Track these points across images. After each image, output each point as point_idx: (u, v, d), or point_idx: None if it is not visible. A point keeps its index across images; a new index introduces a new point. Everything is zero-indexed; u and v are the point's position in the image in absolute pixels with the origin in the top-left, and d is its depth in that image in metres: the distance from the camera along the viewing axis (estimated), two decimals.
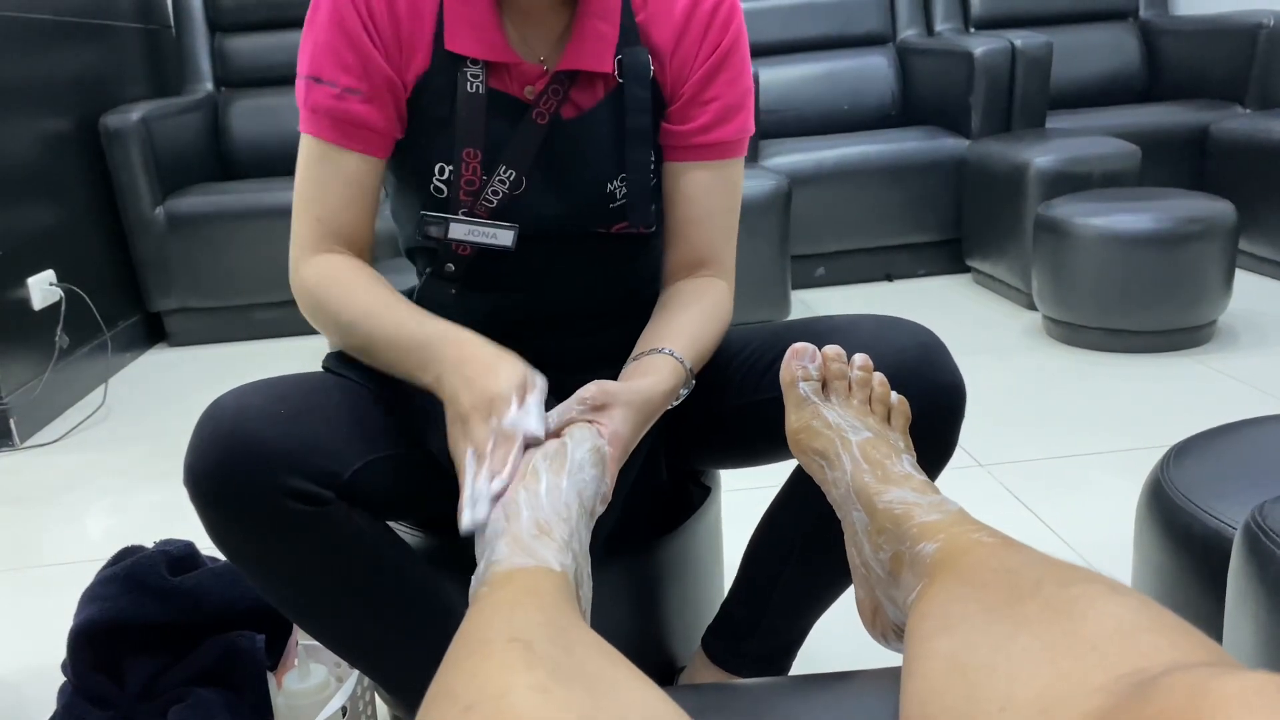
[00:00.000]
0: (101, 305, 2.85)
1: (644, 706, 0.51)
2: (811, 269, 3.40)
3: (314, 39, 0.97)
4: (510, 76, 0.99)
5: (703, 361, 1.00)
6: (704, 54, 1.01)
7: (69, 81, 2.92)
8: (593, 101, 1.00)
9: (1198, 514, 1.03)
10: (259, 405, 0.87)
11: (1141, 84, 3.76)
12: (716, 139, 1.04)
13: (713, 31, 1.01)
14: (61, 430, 2.55)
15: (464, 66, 0.97)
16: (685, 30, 1.01)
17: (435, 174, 1.00)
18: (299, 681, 1.18)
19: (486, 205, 1.00)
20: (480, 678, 0.50)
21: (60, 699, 1.16)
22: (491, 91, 0.98)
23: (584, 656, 0.55)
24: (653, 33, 1.01)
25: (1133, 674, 0.45)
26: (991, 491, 1.88)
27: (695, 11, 1.01)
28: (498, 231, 1.00)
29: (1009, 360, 2.60)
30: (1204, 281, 2.48)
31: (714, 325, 1.03)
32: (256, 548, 0.87)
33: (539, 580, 0.64)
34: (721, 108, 1.03)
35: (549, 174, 1.00)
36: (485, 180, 0.99)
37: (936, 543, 0.70)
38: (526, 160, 0.99)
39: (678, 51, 1.02)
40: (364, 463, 0.89)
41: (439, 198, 1.01)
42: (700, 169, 1.04)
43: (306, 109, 0.98)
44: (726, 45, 1.02)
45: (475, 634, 0.57)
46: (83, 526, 2.03)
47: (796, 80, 3.67)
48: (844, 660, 1.26)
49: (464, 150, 0.98)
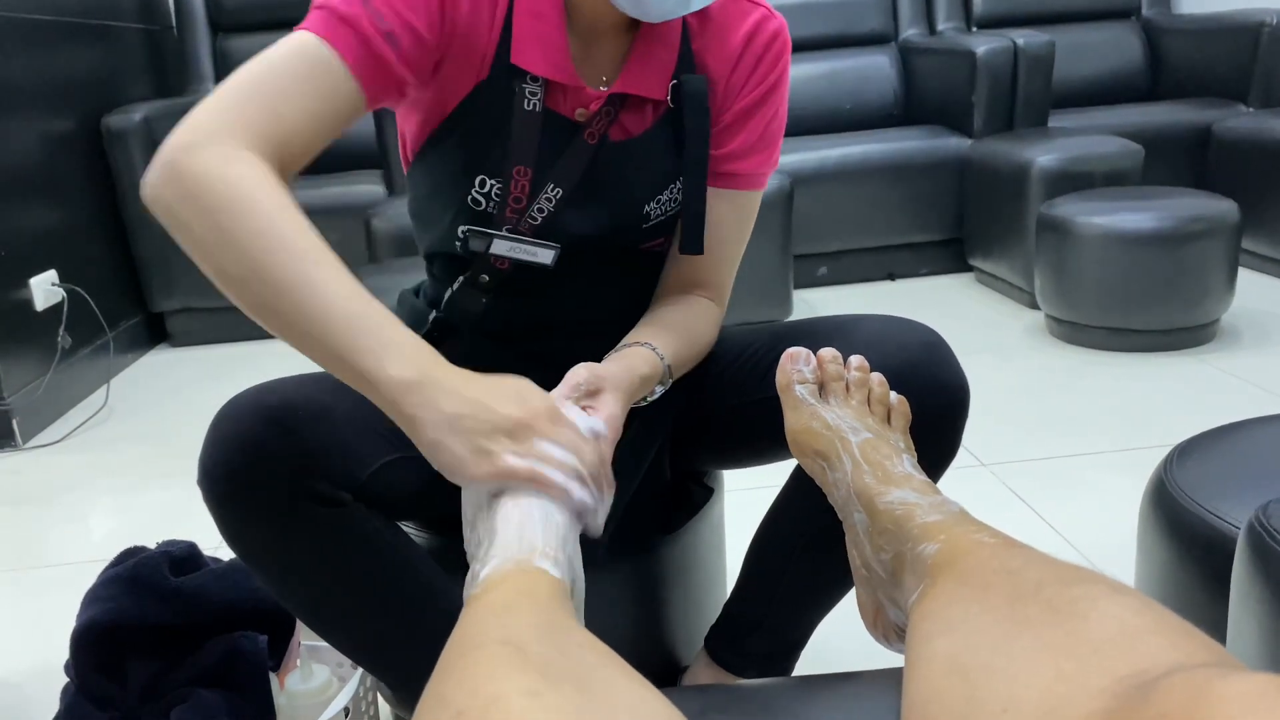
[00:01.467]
0: (104, 306, 2.85)
1: (636, 707, 0.51)
2: (813, 268, 3.40)
3: None
4: (565, 97, 0.97)
5: (684, 363, 1.00)
6: (752, 85, 1.01)
7: (71, 82, 2.93)
8: (641, 125, 1.00)
9: (1201, 514, 1.03)
10: (276, 405, 0.85)
11: (1144, 83, 3.76)
12: (740, 169, 1.03)
13: (764, 64, 1.01)
14: (64, 431, 2.56)
15: (523, 83, 0.94)
16: (739, 60, 1.01)
17: (476, 185, 0.97)
18: (301, 682, 1.18)
19: (531, 223, 0.98)
20: (472, 682, 0.50)
21: (63, 699, 1.16)
22: (547, 111, 0.96)
23: (578, 657, 0.55)
24: (708, 60, 1.01)
25: (1135, 675, 0.45)
26: (994, 491, 1.88)
27: (751, 43, 1.00)
28: (539, 250, 0.99)
29: (1011, 360, 2.60)
30: (1207, 281, 2.48)
31: (696, 342, 1.03)
32: (272, 548, 0.87)
33: (532, 582, 0.64)
34: (752, 140, 1.03)
35: (593, 192, 0.99)
36: (533, 199, 0.98)
37: (938, 543, 0.69)
38: (573, 179, 0.98)
39: (730, 80, 1.01)
40: (381, 464, 0.89)
41: (475, 209, 0.98)
42: (718, 197, 1.03)
43: (325, 9, 0.84)
44: (773, 81, 1.02)
45: (468, 638, 0.57)
46: (85, 527, 2.03)
47: (799, 79, 3.66)
48: (846, 661, 1.25)
49: (515, 167, 0.96)
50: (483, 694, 0.48)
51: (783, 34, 1.02)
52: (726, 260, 1.07)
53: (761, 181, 1.06)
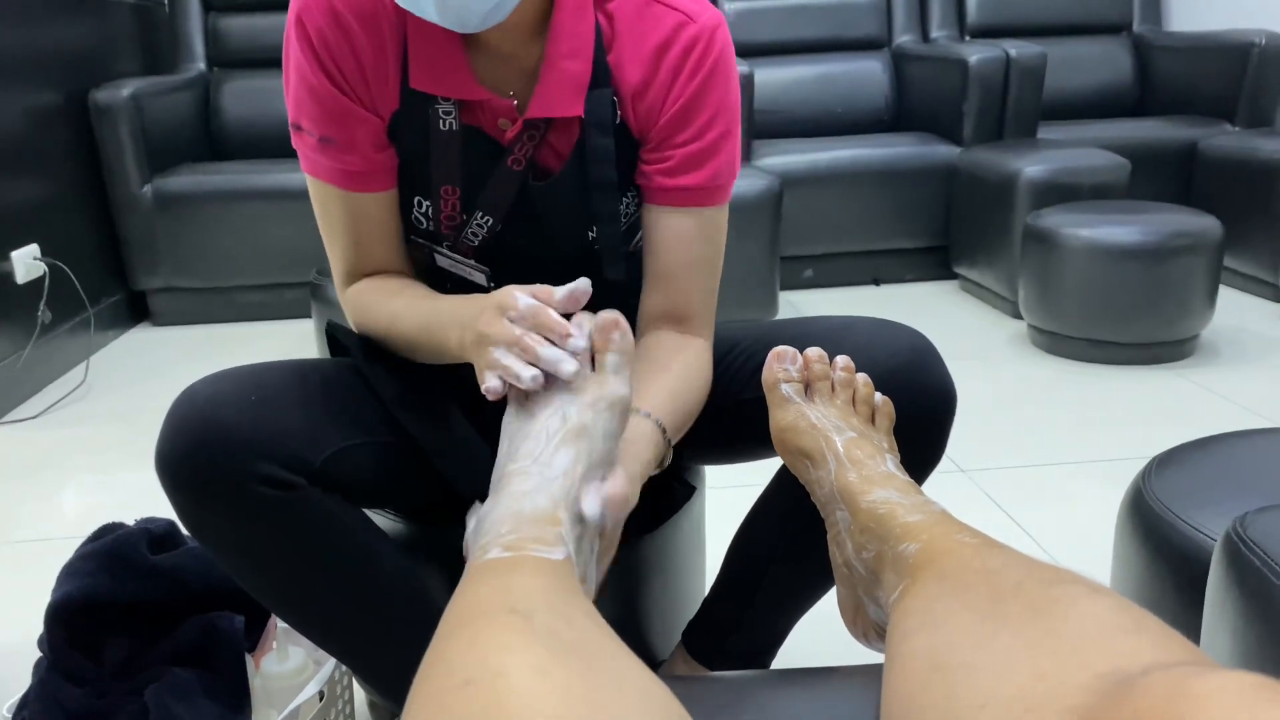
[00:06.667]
0: (85, 282, 2.83)
1: (640, 686, 0.52)
2: (800, 270, 3.41)
3: (289, 85, 0.95)
4: (482, 112, 0.96)
5: (684, 426, 0.95)
6: (673, 98, 0.95)
7: (60, 55, 2.90)
8: (569, 145, 0.97)
9: (1177, 524, 1.04)
10: (230, 391, 0.87)
11: (1133, 98, 3.79)
12: (688, 184, 0.98)
13: (683, 75, 0.95)
14: (41, 406, 2.54)
15: (436, 103, 0.95)
16: (655, 72, 0.95)
17: (415, 206, 1.00)
18: (277, 664, 1.18)
19: (468, 244, 1.00)
20: (479, 650, 0.50)
21: (35, 674, 1.16)
22: (466, 128, 0.96)
23: (583, 628, 0.55)
24: (622, 73, 0.96)
25: (1113, 673, 0.46)
26: (973, 497, 1.89)
27: (666, 53, 0.95)
28: (473, 271, 1.00)
29: (993, 368, 2.61)
30: (1188, 296, 2.50)
31: (695, 386, 0.98)
32: (228, 533, 0.87)
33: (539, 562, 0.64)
34: (692, 153, 0.97)
35: (527, 225, 0.99)
36: (465, 220, 0.98)
37: (919, 543, 0.70)
38: (503, 209, 0.98)
39: (646, 93, 0.96)
40: (337, 449, 0.89)
41: (419, 227, 1.01)
42: (674, 215, 0.99)
43: (301, 153, 0.98)
44: (695, 89, 0.95)
45: (473, 604, 0.56)
46: (61, 503, 2.01)
47: (790, 82, 3.67)
48: (823, 659, 1.26)
49: (442, 187, 0.97)
50: (492, 664, 0.48)
51: (703, 39, 0.94)
52: (700, 292, 1.02)
53: (719, 196, 1.00)
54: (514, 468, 0.71)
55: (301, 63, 0.92)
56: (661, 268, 1.01)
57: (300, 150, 0.97)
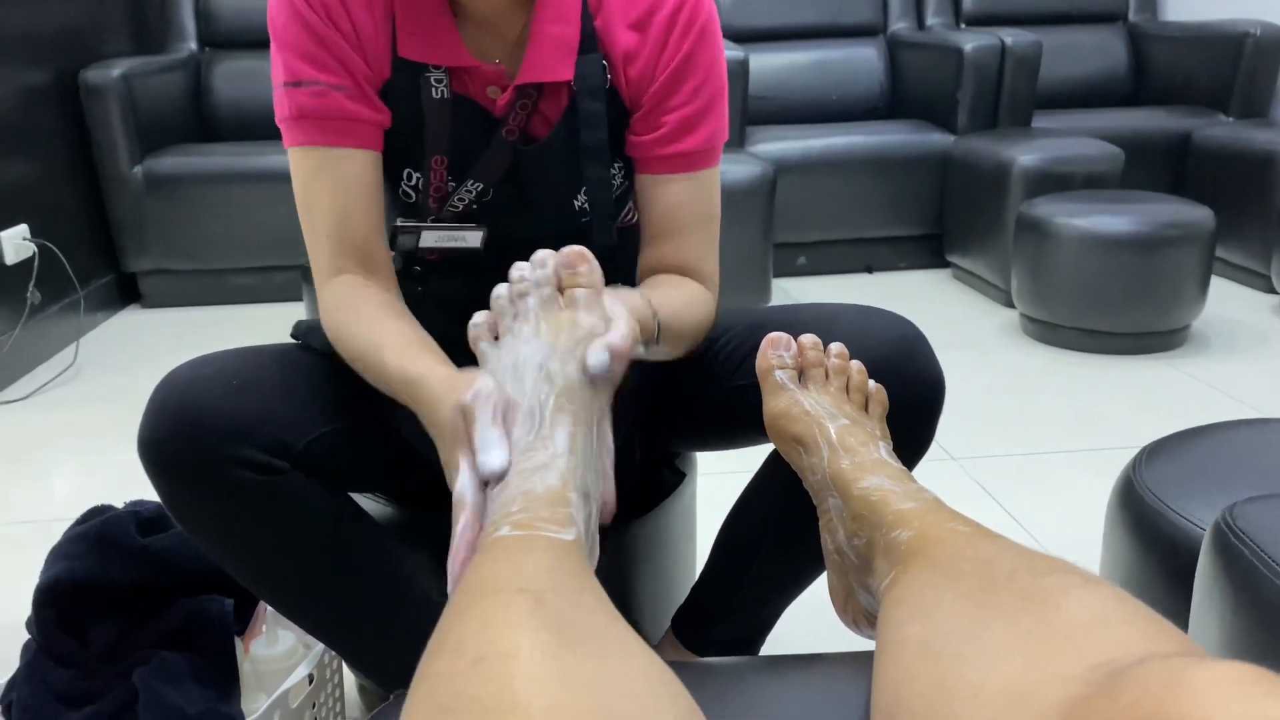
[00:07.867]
0: (75, 263, 2.81)
1: (647, 670, 0.52)
2: (793, 257, 3.41)
3: (283, 44, 0.94)
4: (471, 80, 0.96)
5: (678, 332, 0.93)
6: (665, 62, 0.95)
7: (49, 33, 2.87)
8: (559, 111, 0.97)
9: (1167, 514, 1.05)
10: (213, 375, 0.87)
11: (1127, 88, 3.78)
12: (684, 149, 0.98)
13: (673, 38, 0.95)
14: (30, 388, 2.52)
15: (426, 72, 0.94)
16: (644, 36, 0.95)
17: (404, 179, 0.99)
18: (266, 648, 1.18)
19: (453, 211, 0.99)
20: (490, 630, 0.50)
21: (23, 656, 1.15)
22: (457, 97, 0.96)
23: (592, 610, 0.55)
24: (610, 38, 0.96)
25: (1106, 663, 0.46)
26: (963, 485, 1.89)
27: (654, 17, 0.95)
28: (466, 234, 0.99)
29: (985, 356, 2.62)
30: (1180, 286, 2.51)
31: (695, 303, 0.97)
32: (210, 517, 0.87)
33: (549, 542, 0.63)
34: (686, 116, 0.97)
35: (517, 189, 0.99)
36: (453, 188, 0.98)
37: (911, 530, 0.70)
38: (495, 176, 0.97)
39: (637, 59, 0.96)
40: (320, 433, 0.89)
41: (408, 202, 1.00)
42: (671, 182, 0.99)
43: (291, 119, 0.93)
44: (687, 50, 0.95)
45: (484, 583, 0.56)
46: (50, 484, 2.01)
47: (785, 68, 3.66)
48: (813, 645, 1.26)
49: (432, 157, 0.97)
50: (503, 644, 0.48)
51: (690, 2, 0.95)
52: (701, 245, 1.02)
53: (712, 158, 1.00)
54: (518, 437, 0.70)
55: (300, 9, 0.92)
56: (664, 232, 1.01)
57: (291, 113, 0.93)
